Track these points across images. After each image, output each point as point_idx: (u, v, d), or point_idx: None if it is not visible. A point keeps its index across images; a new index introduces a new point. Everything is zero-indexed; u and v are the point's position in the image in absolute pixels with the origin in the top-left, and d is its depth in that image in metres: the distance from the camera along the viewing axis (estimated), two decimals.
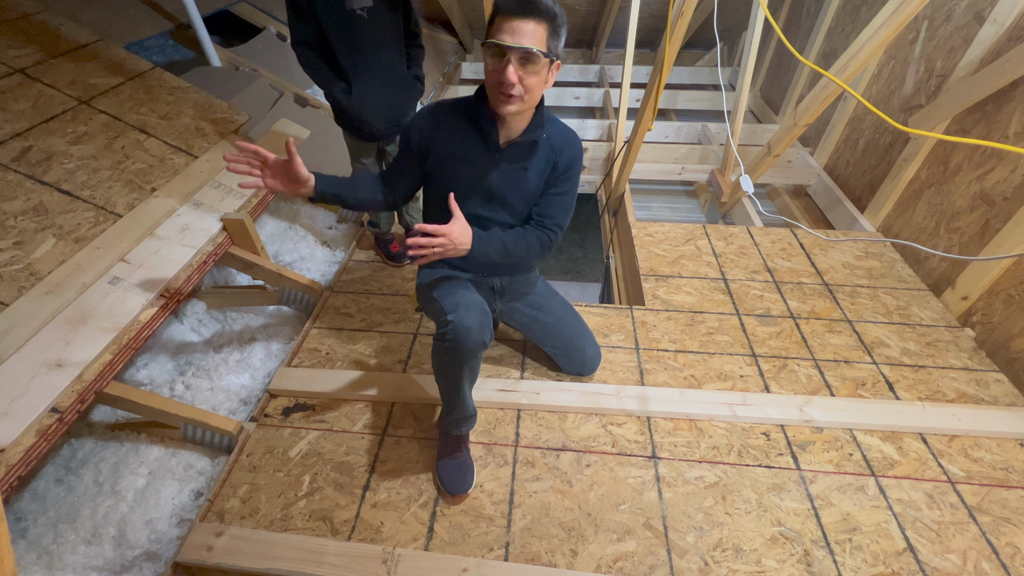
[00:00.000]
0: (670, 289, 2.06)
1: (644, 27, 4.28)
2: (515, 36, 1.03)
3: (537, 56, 1.05)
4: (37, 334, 1.34)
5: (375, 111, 1.76)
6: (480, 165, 1.26)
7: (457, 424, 1.38)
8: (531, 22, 1.03)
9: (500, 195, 1.30)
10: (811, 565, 1.23)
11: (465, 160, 1.26)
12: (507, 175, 1.27)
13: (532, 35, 1.03)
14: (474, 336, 1.19)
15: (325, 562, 1.21)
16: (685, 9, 1.77)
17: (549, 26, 1.05)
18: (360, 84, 1.69)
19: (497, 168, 1.26)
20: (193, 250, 1.71)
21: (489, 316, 1.26)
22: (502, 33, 1.04)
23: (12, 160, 1.68)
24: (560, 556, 1.24)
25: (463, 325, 1.18)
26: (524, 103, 1.12)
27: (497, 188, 1.28)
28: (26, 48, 2.08)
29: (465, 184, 1.28)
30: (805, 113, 2.18)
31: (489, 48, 1.07)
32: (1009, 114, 1.83)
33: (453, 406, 1.35)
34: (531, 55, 1.04)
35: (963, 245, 1.98)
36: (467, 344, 1.19)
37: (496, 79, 1.08)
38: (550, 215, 1.32)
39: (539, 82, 1.10)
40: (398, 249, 2.15)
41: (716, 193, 2.81)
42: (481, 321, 1.21)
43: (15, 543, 1.29)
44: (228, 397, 1.68)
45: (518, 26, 1.03)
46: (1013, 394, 1.64)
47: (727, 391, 1.63)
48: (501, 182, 1.28)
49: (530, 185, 1.29)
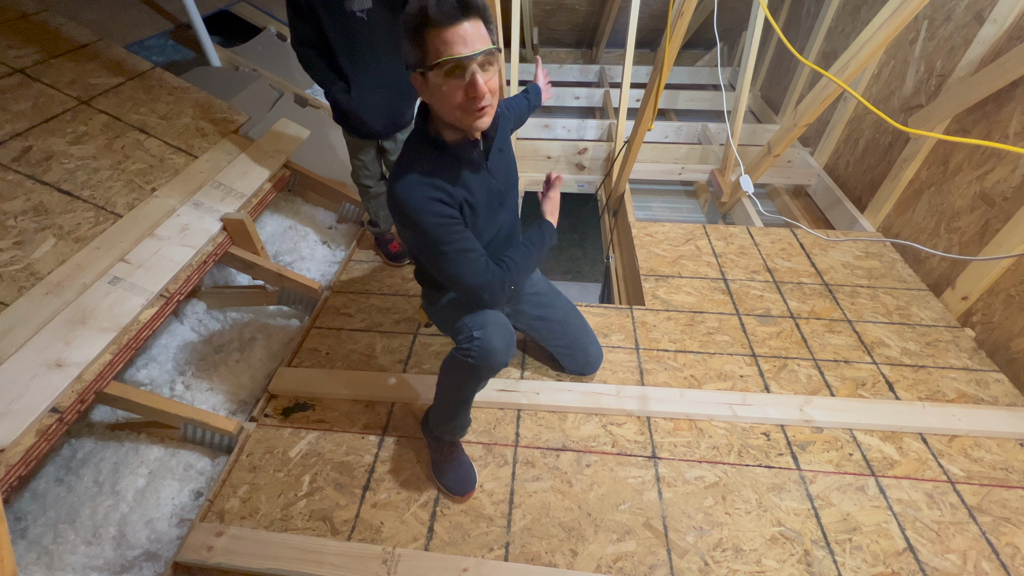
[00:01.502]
0: (670, 289, 2.06)
1: (644, 27, 4.28)
2: (467, 43, 0.91)
3: (495, 53, 0.95)
4: (37, 334, 1.34)
5: (374, 111, 1.78)
6: (485, 188, 1.16)
7: (452, 432, 1.37)
8: (471, 22, 0.91)
9: (505, 191, 1.23)
10: (811, 565, 1.23)
11: (475, 197, 1.14)
12: (500, 172, 1.19)
13: (480, 35, 0.92)
14: (500, 357, 1.14)
15: (325, 562, 1.21)
16: (685, 9, 1.77)
17: (484, 21, 0.94)
18: (359, 85, 1.70)
19: (493, 175, 1.17)
20: (193, 250, 1.71)
21: (514, 337, 1.21)
22: (450, 46, 0.90)
23: (12, 160, 1.68)
24: (560, 556, 1.24)
25: (491, 346, 1.12)
26: (495, 107, 1.02)
27: (503, 189, 1.22)
28: (26, 48, 2.09)
29: (486, 212, 1.19)
30: (805, 113, 2.18)
31: (443, 67, 0.91)
32: (1009, 114, 1.83)
33: (455, 415, 1.33)
34: (492, 55, 0.94)
35: (963, 245, 1.98)
36: (492, 364, 1.15)
37: (463, 98, 0.95)
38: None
39: (500, 79, 1.02)
40: (398, 249, 2.14)
41: (716, 193, 2.81)
42: (508, 342, 1.16)
43: (15, 543, 1.29)
44: (228, 397, 1.68)
45: (464, 32, 0.90)
46: (1013, 394, 1.64)
47: (727, 391, 1.63)
48: (500, 181, 1.21)
49: (513, 159, 1.27)
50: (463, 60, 0.91)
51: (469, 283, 1.13)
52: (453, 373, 1.23)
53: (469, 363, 1.15)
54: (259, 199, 2.03)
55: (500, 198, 1.22)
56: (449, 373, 1.24)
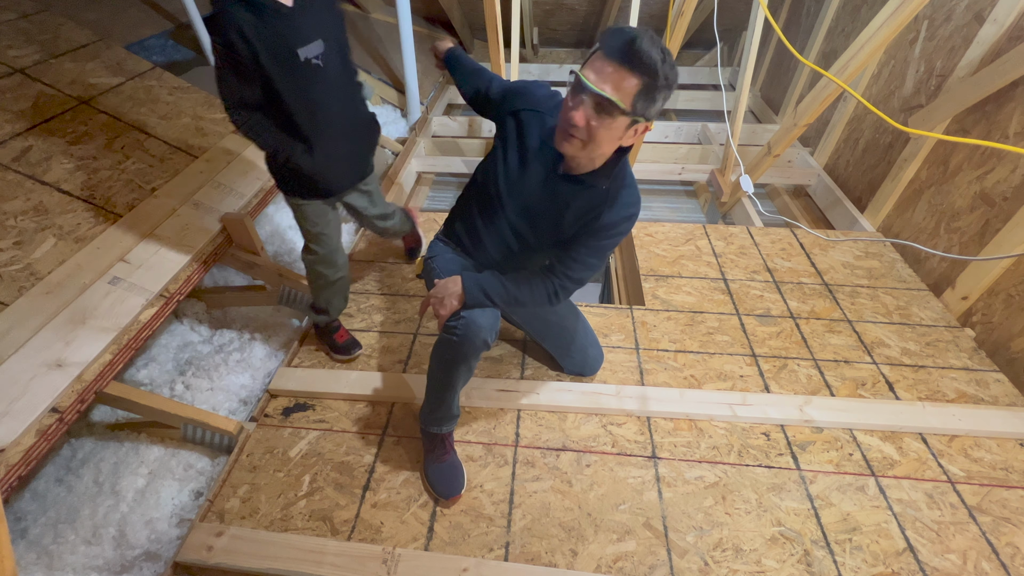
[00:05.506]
0: (670, 289, 2.06)
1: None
2: (599, 78, 0.93)
3: (612, 108, 0.94)
4: (37, 334, 1.34)
5: (339, 166, 1.50)
6: (531, 172, 1.18)
7: (439, 423, 1.36)
8: (624, 71, 0.92)
9: (534, 214, 1.22)
10: (811, 565, 1.23)
11: (523, 158, 1.19)
12: (550, 200, 1.19)
13: (620, 86, 0.93)
14: (484, 334, 1.17)
15: (325, 562, 1.21)
16: (685, 9, 1.77)
17: (643, 83, 0.93)
18: (322, 140, 1.40)
19: (544, 186, 1.18)
20: (193, 250, 1.71)
21: (499, 317, 1.23)
22: (590, 70, 0.95)
23: (12, 160, 1.68)
24: (560, 556, 1.24)
25: (476, 322, 1.16)
26: (584, 150, 1.03)
27: (534, 201, 1.21)
28: (26, 48, 2.09)
29: (510, 179, 1.21)
30: (805, 113, 2.18)
31: (573, 78, 0.98)
32: (1009, 114, 1.83)
33: (440, 403, 1.33)
34: (606, 105, 0.94)
35: (963, 245, 1.98)
36: (475, 341, 1.17)
37: (565, 114, 1.00)
38: (567, 263, 1.20)
39: (608, 137, 1.00)
40: (346, 339, 1.77)
41: (716, 193, 2.81)
42: (492, 321, 1.19)
43: (15, 543, 1.29)
44: (228, 397, 1.68)
45: (608, 70, 0.93)
46: (1013, 394, 1.64)
47: (727, 391, 1.63)
48: (539, 199, 1.20)
49: (565, 220, 1.19)
50: (582, 84, 0.95)
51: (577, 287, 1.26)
52: (439, 353, 1.26)
53: (454, 341, 1.18)
54: (259, 199, 2.03)
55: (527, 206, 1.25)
56: (436, 355, 1.28)
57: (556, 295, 1.23)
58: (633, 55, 0.90)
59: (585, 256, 1.20)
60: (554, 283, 1.22)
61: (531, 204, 1.22)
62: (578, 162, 1.11)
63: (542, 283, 1.22)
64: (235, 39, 1.15)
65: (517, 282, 1.21)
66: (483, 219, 1.29)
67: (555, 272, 1.22)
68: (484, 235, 1.30)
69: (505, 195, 1.23)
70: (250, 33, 1.16)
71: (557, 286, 1.22)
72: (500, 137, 1.24)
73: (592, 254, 1.20)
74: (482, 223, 1.30)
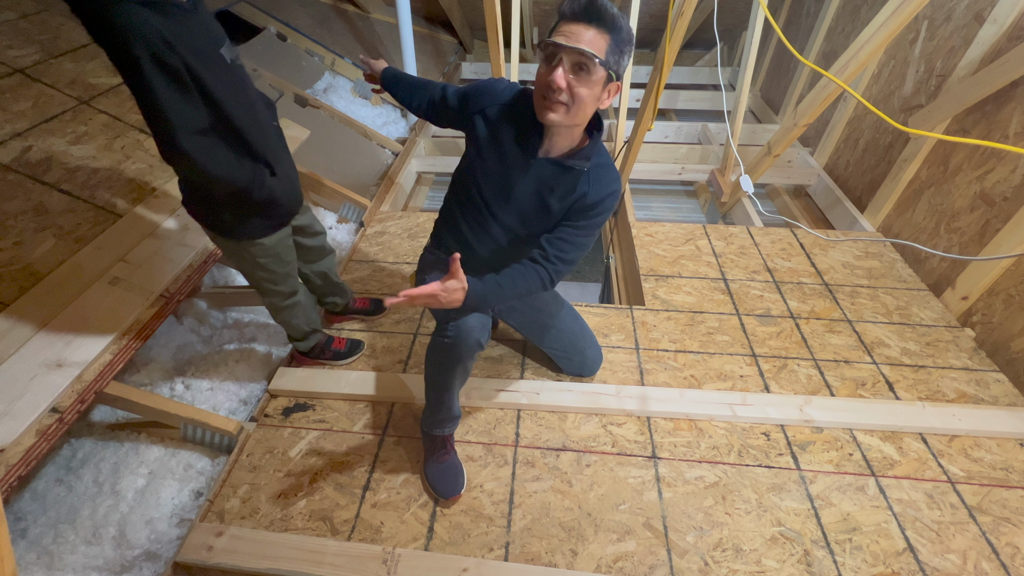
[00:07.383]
0: (670, 289, 2.06)
1: (644, 27, 4.28)
2: (571, 39, 0.96)
3: (592, 62, 0.96)
4: (37, 334, 1.34)
5: (295, 179, 1.37)
6: (511, 165, 1.19)
7: (440, 424, 1.38)
8: (592, 29, 0.96)
9: (519, 202, 1.22)
10: (811, 565, 1.23)
11: (500, 153, 1.19)
12: (533, 187, 1.20)
13: (591, 42, 0.96)
14: (475, 335, 1.20)
15: (325, 562, 1.21)
16: (685, 9, 1.77)
17: (612, 38, 0.97)
18: (276, 154, 1.26)
19: (526, 176, 1.19)
20: (193, 250, 1.71)
21: (489, 319, 1.26)
22: (559, 35, 0.97)
23: (12, 160, 1.68)
24: (560, 556, 1.24)
25: (466, 324, 1.19)
26: (569, 115, 1.03)
27: (519, 195, 1.21)
28: (26, 48, 2.08)
29: (491, 178, 1.22)
30: (805, 113, 2.18)
31: (544, 49, 0.99)
32: (1009, 114, 1.83)
33: (440, 405, 1.35)
34: (586, 60, 0.96)
35: (963, 245, 1.98)
36: (467, 343, 1.20)
37: (543, 81, 1.01)
38: (558, 246, 1.21)
39: (590, 96, 1.01)
40: (346, 343, 1.72)
41: (716, 193, 2.81)
42: (483, 322, 1.22)
43: (15, 543, 1.29)
44: (228, 397, 1.68)
45: (578, 30, 0.96)
46: (1013, 394, 1.64)
47: (727, 391, 1.63)
48: (524, 191, 1.20)
49: (551, 207, 1.20)
50: (556, 46, 0.97)
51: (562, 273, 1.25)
52: (433, 356, 1.29)
53: (446, 343, 1.21)
54: None
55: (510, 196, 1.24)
56: (430, 359, 1.31)
57: (551, 280, 1.24)
58: (595, 12, 0.95)
59: (575, 237, 1.21)
60: (547, 268, 1.22)
61: (518, 199, 1.22)
62: (560, 136, 1.12)
63: (535, 271, 1.22)
64: (162, 47, 0.94)
65: (512, 278, 1.20)
66: (471, 226, 1.30)
67: (548, 257, 1.22)
68: (473, 241, 1.31)
69: (492, 199, 1.24)
70: (170, 37, 0.95)
71: (551, 271, 1.22)
72: (471, 140, 1.24)
73: (582, 234, 1.22)
74: (470, 229, 1.30)
